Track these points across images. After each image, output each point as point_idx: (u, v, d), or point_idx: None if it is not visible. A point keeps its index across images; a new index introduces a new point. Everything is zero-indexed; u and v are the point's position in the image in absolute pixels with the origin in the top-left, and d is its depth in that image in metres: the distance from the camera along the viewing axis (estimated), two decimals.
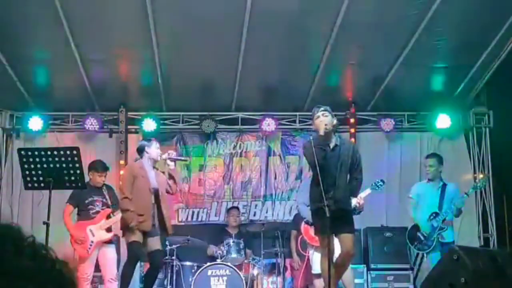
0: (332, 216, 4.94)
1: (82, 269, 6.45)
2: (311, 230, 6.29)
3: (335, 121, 5.33)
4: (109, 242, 6.64)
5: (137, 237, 5.91)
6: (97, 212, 6.63)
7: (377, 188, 6.57)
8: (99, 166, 6.75)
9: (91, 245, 6.49)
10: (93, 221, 6.58)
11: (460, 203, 6.61)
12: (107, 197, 6.72)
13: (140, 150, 6.26)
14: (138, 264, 6.84)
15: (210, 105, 8.64)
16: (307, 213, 5.97)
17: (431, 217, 6.62)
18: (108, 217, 6.61)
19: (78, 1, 6.49)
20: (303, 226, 6.65)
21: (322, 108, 5.31)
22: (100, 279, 6.95)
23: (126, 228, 5.96)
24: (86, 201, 6.62)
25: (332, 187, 5.14)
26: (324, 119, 5.21)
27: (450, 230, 6.67)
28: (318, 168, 5.01)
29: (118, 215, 6.46)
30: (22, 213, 8.37)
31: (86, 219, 6.59)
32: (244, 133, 8.99)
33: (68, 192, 6.56)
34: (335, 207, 5.04)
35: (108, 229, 6.62)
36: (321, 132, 5.11)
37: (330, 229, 5.04)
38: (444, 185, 6.76)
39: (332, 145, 5.26)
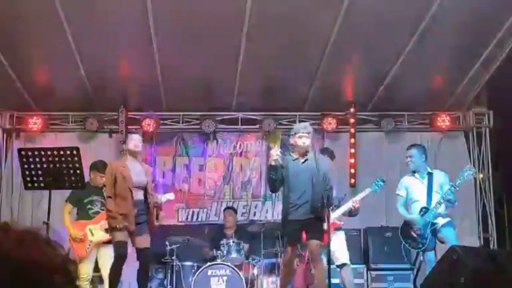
0: (302, 225, 5.39)
1: (81, 269, 6.45)
2: None
3: (311, 143, 5.66)
4: (108, 242, 6.63)
5: (123, 236, 5.83)
6: (97, 212, 6.61)
7: (377, 187, 6.54)
8: (100, 166, 6.72)
9: (89, 244, 6.49)
10: (93, 221, 6.57)
11: (448, 194, 6.08)
12: None
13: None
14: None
15: (210, 105, 8.64)
16: None
17: (422, 212, 6.19)
18: None
19: (78, 1, 6.49)
20: None
21: (306, 130, 5.59)
22: (100, 279, 6.94)
23: (111, 228, 5.88)
24: (85, 201, 6.61)
25: (302, 199, 5.44)
26: (305, 141, 5.53)
27: (448, 225, 6.18)
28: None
29: None
30: (22, 213, 8.37)
31: (85, 219, 6.58)
32: (244, 133, 8.99)
33: (68, 192, 6.56)
34: (304, 217, 5.41)
35: (107, 230, 6.60)
36: (272, 163, 5.49)
37: (298, 240, 5.48)
38: (430, 174, 6.35)
39: (302, 159, 5.56)
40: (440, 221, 6.20)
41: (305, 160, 5.55)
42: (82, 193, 6.40)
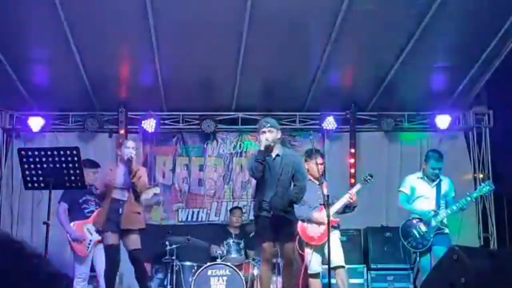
0: (272, 223, 5.38)
1: (80, 268, 6.46)
2: (308, 230, 6.32)
3: (279, 135, 5.63)
4: (100, 241, 6.62)
5: (111, 239, 5.93)
6: (92, 211, 6.63)
7: (366, 182, 6.54)
8: (89, 163, 6.64)
9: (89, 243, 6.50)
10: (89, 220, 6.58)
11: (464, 205, 6.11)
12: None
13: None
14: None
15: (210, 105, 8.64)
16: (301, 213, 6.03)
17: (430, 214, 6.20)
18: None
19: (78, 1, 6.49)
20: (299, 225, 6.64)
21: (268, 124, 5.57)
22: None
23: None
24: (80, 200, 6.61)
25: (271, 196, 5.41)
26: (268, 135, 5.48)
27: (445, 242, 6.09)
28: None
29: None
30: (22, 213, 8.37)
31: (81, 218, 6.59)
32: (244, 133, 8.99)
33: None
34: (273, 215, 5.38)
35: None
36: (262, 147, 5.44)
37: (270, 236, 5.45)
38: (440, 180, 6.36)
39: (274, 154, 5.53)
40: (445, 229, 6.24)
41: (275, 157, 5.52)
42: (76, 193, 6.38)
